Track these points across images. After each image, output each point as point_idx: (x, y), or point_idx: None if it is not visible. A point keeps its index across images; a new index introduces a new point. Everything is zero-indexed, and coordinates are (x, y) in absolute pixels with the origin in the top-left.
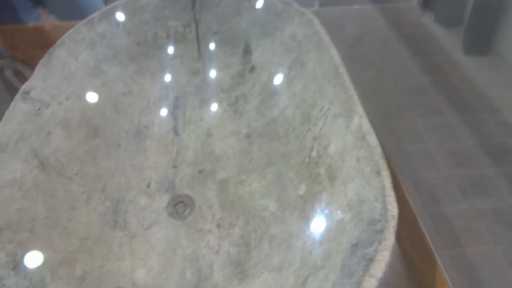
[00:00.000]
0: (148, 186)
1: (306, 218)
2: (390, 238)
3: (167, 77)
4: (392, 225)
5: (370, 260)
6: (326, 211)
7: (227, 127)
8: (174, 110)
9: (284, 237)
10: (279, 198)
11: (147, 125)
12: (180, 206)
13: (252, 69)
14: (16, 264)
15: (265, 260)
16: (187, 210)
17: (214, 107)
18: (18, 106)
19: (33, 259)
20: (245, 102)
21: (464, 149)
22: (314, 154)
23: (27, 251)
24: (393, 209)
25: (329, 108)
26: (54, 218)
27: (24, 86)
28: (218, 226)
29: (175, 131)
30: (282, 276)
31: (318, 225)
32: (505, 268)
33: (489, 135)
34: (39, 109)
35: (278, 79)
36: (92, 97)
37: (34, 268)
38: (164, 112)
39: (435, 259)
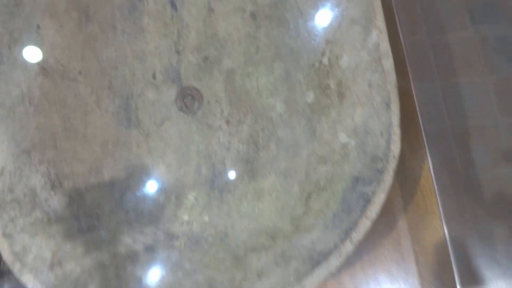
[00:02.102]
0: (154, 76)
1: (312, 129)
2: (388, 180)
3: None
4: (392, 166)
5: (367, 201)
6: (332, 129)
7: (230, 0)
8: None
9: (290, 143)
10: (287, 100)
11: None
12: (189, 99)
13: None
14: (53, 183)
15: (272, 162)
16: (196, 104)
17: None
18: None
19: (65, 175)
20: None
21: None
22: (325, 61)
23: (57, 168)
24: (396, 149)
25: (346, 8)
26: (72, 129)
27: None
28: (227, 122)
29: (173, 5)
30: (288, 183)
31: (324, 142)
32: (491, 98)
33: None
34: None
35: None
36: None
37: (70, 183)
38: None
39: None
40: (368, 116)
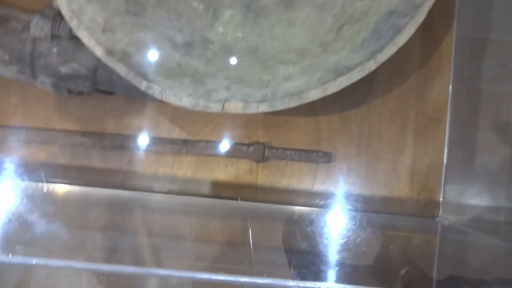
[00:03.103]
0: None
1: None
2: (421, 16)
3: None
4: (429, 4)
5: (398, 31)
6: None
7: None
8: None
9: None
10: None
11: None
12: None
13: None
14: None
15: None
16: None
17: None
18: None
19: None
20: None
21: None
22: None
23: None
24: None
25: None
26: None
27: None
28: None
29: None
30: (323, 16)
31: None
32: None
33: None
34: None
35: None
36: None
37: None
38: None
39: None
40: None
